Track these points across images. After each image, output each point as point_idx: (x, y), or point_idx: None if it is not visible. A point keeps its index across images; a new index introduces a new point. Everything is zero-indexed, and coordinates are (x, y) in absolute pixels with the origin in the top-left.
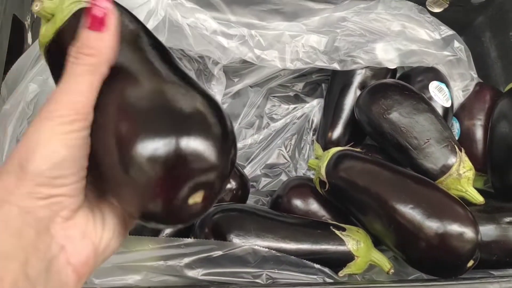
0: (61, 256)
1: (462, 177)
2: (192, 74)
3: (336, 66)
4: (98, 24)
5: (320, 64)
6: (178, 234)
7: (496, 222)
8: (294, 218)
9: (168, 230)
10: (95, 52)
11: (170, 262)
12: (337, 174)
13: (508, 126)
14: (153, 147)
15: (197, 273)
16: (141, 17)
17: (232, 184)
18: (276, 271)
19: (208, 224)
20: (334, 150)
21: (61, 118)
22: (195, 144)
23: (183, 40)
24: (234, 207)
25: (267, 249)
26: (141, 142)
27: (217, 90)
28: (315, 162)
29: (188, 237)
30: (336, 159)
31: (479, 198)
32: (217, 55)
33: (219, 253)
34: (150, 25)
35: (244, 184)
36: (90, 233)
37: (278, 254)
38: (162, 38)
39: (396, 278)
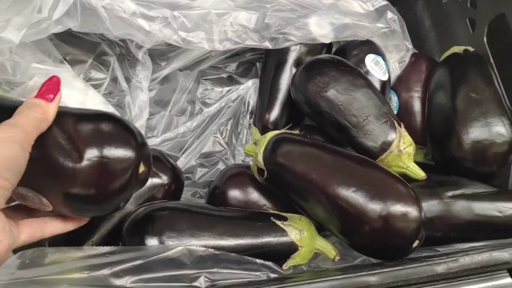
0: None
1: (403, 153)
2: (113, 59)
3: (267, 44)
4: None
5: (250, 43)
6: (105, 242)
7: (438, 197)
8: (232, 211)
9: (95, 237)
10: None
11: (94, 273)
12: (275, 160)
13: (445, 97)
14: None
15: (125, 282)
16: (48, 2)
17: (163, 179)
18: (216, 271)
19: (137, 227)
20: (270, 134)
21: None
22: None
23: (99, 25)
24: (165, 206)
25: (204, 248)
26: None
27: (142, 76)
28: (252, 148)
29: (117, 244)
30: (273, 144)
31: (420, 174)
32: (139, 38)
33: (150, 258)
34: (60, 11)
35: (176, 177)
36: None
37: (216, 252)
38: (75, 23)
39: (342, 264)
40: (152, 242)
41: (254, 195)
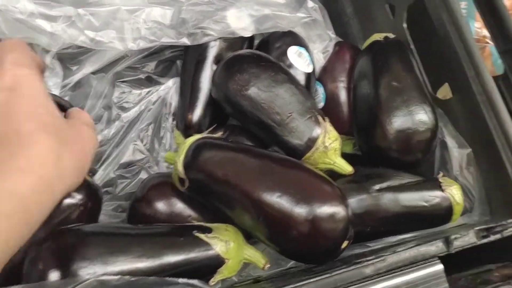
0: None
1: (329, 149)
2: None
3: (185, 41)
4: None
5: (167, 40)
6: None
7: (366, 191)
8: (151, 228)
9: None
10: None
11: None
12: (196, 169)
13: (368, 87)
14: None
15: None
16: None
17: (77, 198)
18: None
19: (42, 258)
20: (190, 140)
21: None
22: None
23: None
24: (73, 231)
25: (118, 277)
26: None
27: (52, 84)
28: (172, 155)
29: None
30: (194, 151)
31: (348, 168)
32: (43, 41)
33: None
34: None
35: (93, 194)
36: None
37: (133, 279)
38: None
39: (274, 270)
40: (56, 276)
41: (178, 206)
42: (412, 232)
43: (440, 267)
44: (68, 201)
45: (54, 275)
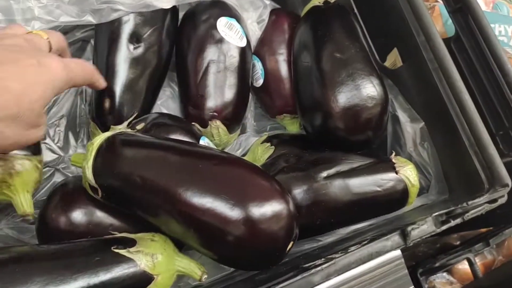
0: None
1: None
2: None
3: (90, 19)
4: None
5: (67, 19)
6: None
7: (313, 180)
8: (59, 248)
9: None
10: None
11: None
12: (109, 175)
13: (310, 59)
14: None
15: None
16: None
17: None
18: None
19: None
20: (98, 140)
21: None
22: None
23: None
24: None
25: None
26: None
27: None
28: (79, 158)
29: None
30: (104, 154)
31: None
32: None
33: None
34: None
35: None
36: None
37: None
38: None
39: (217, 275)
40: None
41: (97, 215)
42: (365, 221)
43: (397, 253)
44: None
45: None
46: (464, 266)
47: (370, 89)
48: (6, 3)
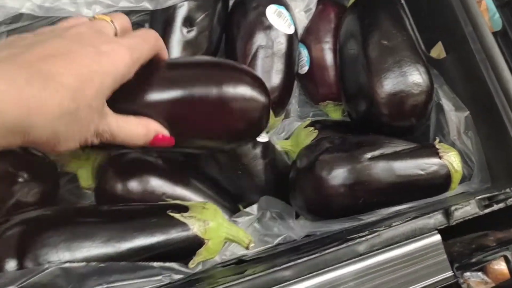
0: None
1: None
2: None
3: (146, 5)
4: None
5: (126, 4)
6: None
7: (357, 160)
8: (119, 209)
9: None
10: None
11: None
12: None
13: (355, 47)
14: None
15: None
16: None
17: (28, 178)
18: (105, 287)
19: None
20: None
21: None
22: None
23: None
24: (32, 216)
25: (83, 263)
26: None
27: None
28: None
29: None
30: None
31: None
32: None
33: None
34: None
35: (48, 173)
36: None
37: (101, 264)
38: None
39: (261, 247)
40: (11, 266)
41: (150, 184)
42: (407, 203)
43: (437, 238)
44: (19, 181)
45: (9, 266)
46: (500, 266)
47: (416, 76)
48: None
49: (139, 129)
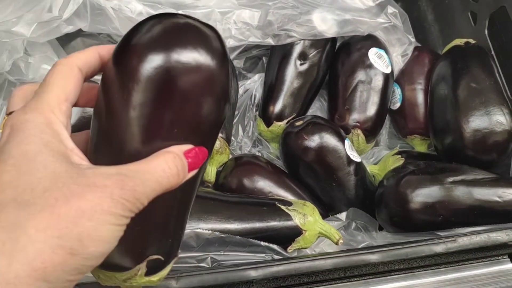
0: None
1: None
2: None
3: (270, 41)
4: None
5: (254, 40)
6: None
7: (439, 182)
8: (238, 197)
9: None
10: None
11: None
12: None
13: (446, 88)
14: None
15: None
16: (58, 2)
17: None
18: (222, 253)
19: None
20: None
21: None
22: None
23: (108, 24)
24: None
25: (210, 231)
26: None
27: None
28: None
29: None
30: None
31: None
32: None
33: None
34: (69, 10)
35: None
36: None
37: (222, 235)
38: (85, 23)
39: (346, 248)
40: None
41: (261, 183)
42: (483, 225)
43: (509, 265)
44: None
45: None
46: None
47: (499, 116)
48: (213, 23)
49: (162, 162)
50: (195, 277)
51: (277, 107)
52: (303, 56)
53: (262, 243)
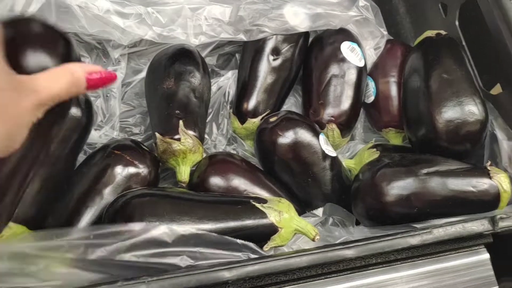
0: None
1: None
2: (88, 61)
3: (242, 37)
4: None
5: (225, 36)
6: None
7: (414, 174)
8: (212, 196)
9: None
10: None
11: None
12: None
13: (418, 80)
14: None
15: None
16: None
17: (140, 168)
18: (197, 250)
19: (117, 214)
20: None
21: None
22: None
23: (75, 23)
24: (144, 192)
25: (185, 228)
26: None
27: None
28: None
29: None
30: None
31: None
32: (116, 36)
33: (134, 237)
34: (33, 8)
35: (153, 164)
36: None
37: (199, 232)
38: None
39: (323, 244)
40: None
41: (235, 181)
42: (457, 216)
43: (486, 256)
44: (131, 170)
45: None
46: None
47: (472, 106)
48: (183, 20)
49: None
50: (166, 280)
51: (251, 103)
52: (276, 52)
53: (239, 241)
